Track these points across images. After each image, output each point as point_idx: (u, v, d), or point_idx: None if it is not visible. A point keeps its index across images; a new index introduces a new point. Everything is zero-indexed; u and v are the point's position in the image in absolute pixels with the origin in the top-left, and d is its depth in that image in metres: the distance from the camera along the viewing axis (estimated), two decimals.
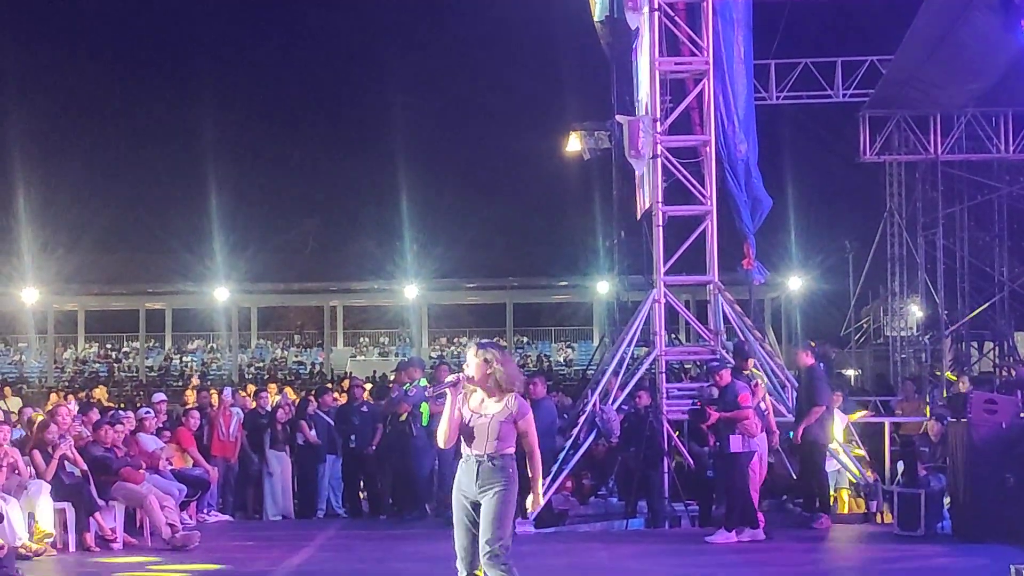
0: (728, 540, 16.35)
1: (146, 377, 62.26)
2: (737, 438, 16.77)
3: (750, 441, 16.87)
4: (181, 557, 15.82)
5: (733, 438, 16.76)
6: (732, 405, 16.87)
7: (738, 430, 16.77)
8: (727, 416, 16.81)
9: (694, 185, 20.45)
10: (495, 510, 9.42)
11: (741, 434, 16.79)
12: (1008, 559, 12.33)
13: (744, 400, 16.95)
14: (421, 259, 59.75)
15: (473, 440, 9.47)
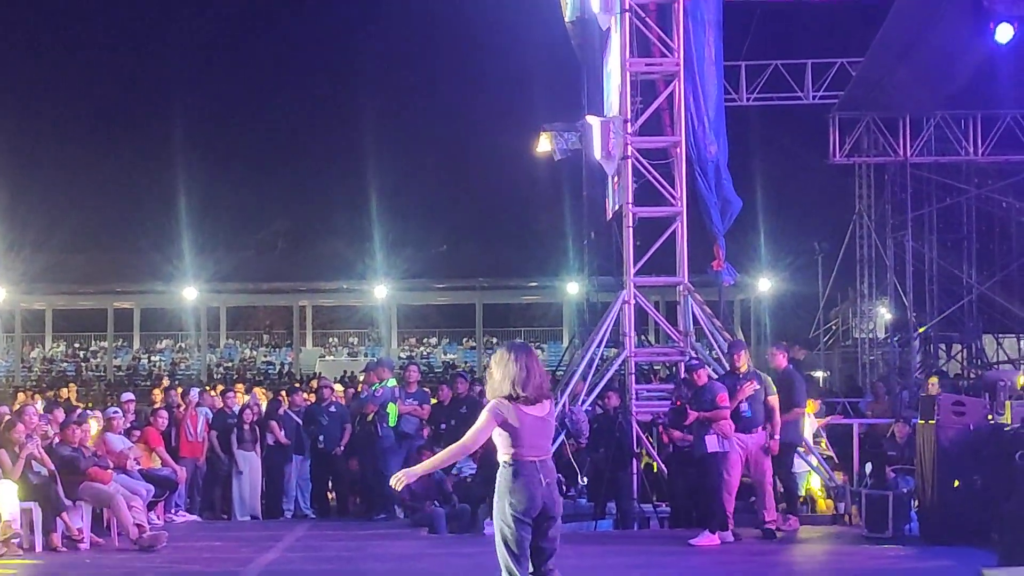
0: (712, 542, 16.34)
1: (114, 377, 62.08)
2: (713, 438, 16.76)
3: (724, 442, 16.87)
4: (149, 557, 15.75)
5: (709, 438, 16.75)
6: (709, 405, 16.86)
7: (714, 430, 16.77)
8: (705, 416, 16.81)
9: (664, 186, 20.46)
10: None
11: (716, 434, 16.79)
12: (975, 561, 12.37)
13: (721, 400, 16.94)
14: (390, 259, 59.69)
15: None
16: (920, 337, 37.49)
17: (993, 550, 13.55)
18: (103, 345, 67.15)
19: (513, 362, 9.09)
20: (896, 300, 38.31)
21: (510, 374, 9.06)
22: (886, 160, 35.62)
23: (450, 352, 68.74)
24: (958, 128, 33.94)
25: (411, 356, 61.91)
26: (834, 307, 44.70)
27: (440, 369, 61.21)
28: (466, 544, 17.35)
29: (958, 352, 39.67)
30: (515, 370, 9.06)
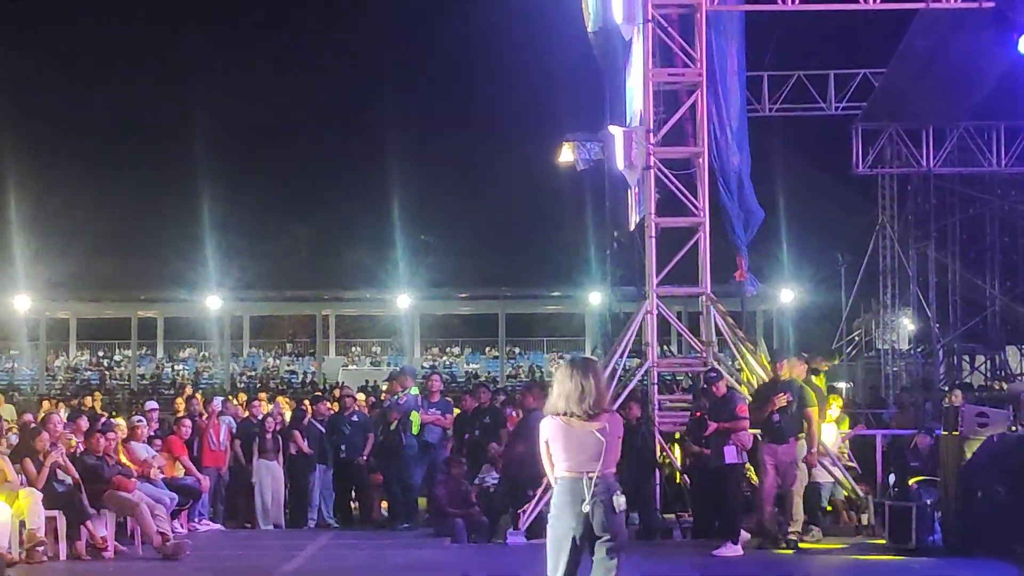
0: (735, 552, 16.34)
1: (138, 385, 62.23)
2: (732, 449, 16.77)
3: (743, 453, 16.88)
4: (172, 566, 15.80)
5: (728, 449, 16.76)
6: (729, 416, 16.87)
7: (732, 441, 16.77)
8: (725, 427, 16.82)
9: (687, 196, 20.45)
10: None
11: (735, 445, 16.79)
12: (999, 573, 12.35)
13: (741, 411, 16.94)
14: (413, 268, 59.76)
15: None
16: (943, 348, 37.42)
17: (1016, 562, 13.52)
18: (127, 354, 67.34)
19: (569, 378, 9.10)
20: (919, 311, 38.22)
21: (564, 391, 9.09)
22: (909, 171, 35.57)
23: (473, 362, 68.76)
24: (981, 139, 33.88)
25: (434, 365, 61.96)
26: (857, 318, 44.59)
27: (463, 379, 61.20)
28: (488, 554, 17.38)
29: (981, 364, 39.56)
30: (569, 387, 9.08)
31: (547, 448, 9.09)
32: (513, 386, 49.45)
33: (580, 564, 8.93)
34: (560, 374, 9.19)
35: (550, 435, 9.06)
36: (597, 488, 8.88)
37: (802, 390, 17.64)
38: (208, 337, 65.85)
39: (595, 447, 8.95)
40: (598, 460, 8.93)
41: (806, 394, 17.61)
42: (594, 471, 8.90)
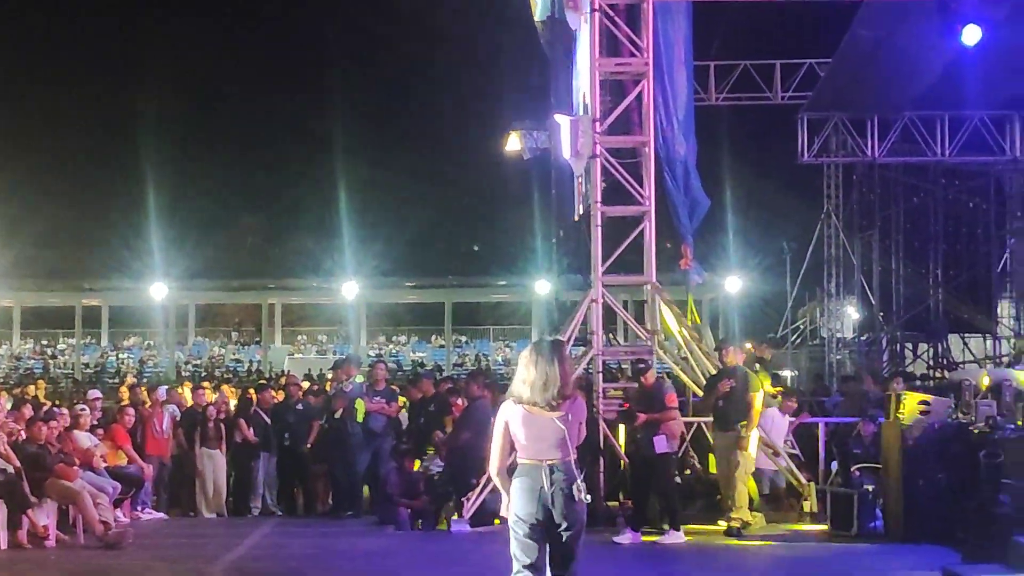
0: (677, 540, 16.43)
1: (81, 374, 61.86)
2: (662, 439, 16.88)
3: (673, 443, 17.00)
4: (114, 555, 15.72)
5: (658, 439, 16.87)
6: (659, 406, 16.96)
7: (663, 431, 16.87)
8: (654, 418, 16.91)
9: (632, 185, 20.45)
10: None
11: (665, 435, 16.89)
12: (940, 559, 12.45)
13: (670, 401, 17.04)
14: (360, 257, 59.64)
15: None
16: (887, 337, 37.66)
17: (957, 548, 13.62)
18: (71, 342, 66.93)
19: (533, 366, 8.98)
20: (863, 300, 38.49)
21: (528, 379, 8.96)
22: (854, 160, 35.75)
23: (419, 350, 68.71)
24: (926, 129, 34.07)
25: (380, 354, 61.87)
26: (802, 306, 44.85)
27: (409, 367, 61.16)
28: (433, 541, 17.39)
29: (924, 352, 39.84)
30: (533, 376, 8.95)
31: (505, 430, 8.98)
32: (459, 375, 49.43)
33: (545, 551, 8.86)
34: (525, 360, 9.05)
35: (510, 419, 8.97)
36: (556, 476, 8.81)
37: (746, 376, 17.75)
38: (153, 326, 65.52)
39: (555, 435, 8.87)
40: (558, 448, 8.88)
41: (750, 379, 17.71)
42: (554, 459, 8.84)
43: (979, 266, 37.45)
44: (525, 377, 8.96)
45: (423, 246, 66.96)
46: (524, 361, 9.04)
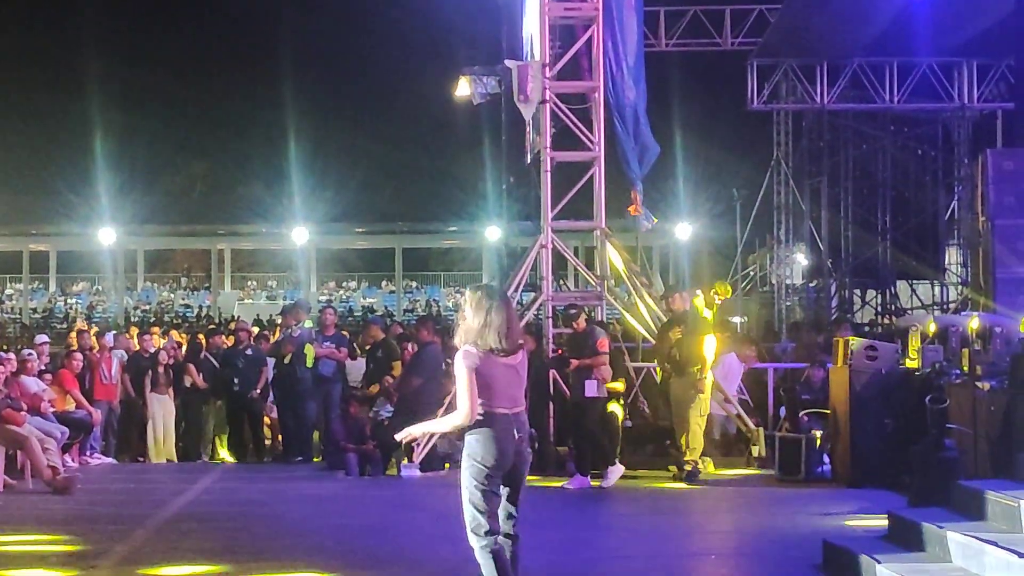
0: (583, 484, 16.52)
1: (29, 319, 61.52)
2: (592, 383, 16.98)
3: (603, 387, 17.08)
4: (63, 500, 15.68)
5: (589, 383, 16.96)
6: (590, 351, 17.04)
7: (594, 375, 16.96)
8: (586, 363, 16.99)
9: (582, 131, 20.43)
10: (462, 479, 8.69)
11: (596, 380, 16.98)
12: (886, 503, 12.53)
13: (601, 346, 17.11)
14: (310, 203, 59.45)
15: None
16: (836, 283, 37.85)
17: (903, 492, 13.74)
18: (18, 287, 66.52)
19: (495, 312, 8.64)
20: (812, 247, 38.64)
21: (494, 324, 8.61)
22: (803, 107, 35.89)
23: (369, 296, 68.67)
24: (875, 76, 34.21)
25: (330, 300, 61.77)
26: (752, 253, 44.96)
27: (360, 313, 61.11)
28: (382, 487, 17.41)
29: (873, 299, 40.04)
30: (499, 321, 8.62)
31: (473, 379, 8.54)
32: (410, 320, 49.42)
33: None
34: (479, 304, 8.70)
35: (480, 366, 8.57)
36: (522, 424, 8.70)
37: (696, 320, 17.79)
38: (102, 271, 65.19)
39: (520, 383, 8.75)
40: (522, 396, 8.77)
41: (700, 323, 17.77)
42: (520, 407, 8.70)
43: (927, 213, 37.62)
44: (486, 322, 8.62)
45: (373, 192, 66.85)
46: (479, 306, 8.69)
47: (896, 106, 34.66)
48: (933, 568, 9.62)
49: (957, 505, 10.87)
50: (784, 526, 13.41)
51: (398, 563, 11.28)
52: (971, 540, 9.46)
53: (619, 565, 11.42)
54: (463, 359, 8.56)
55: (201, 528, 13.55)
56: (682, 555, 11.83)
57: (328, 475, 18.56)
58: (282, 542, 12.63)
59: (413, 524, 13.88)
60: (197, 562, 11.39)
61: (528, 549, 8.72)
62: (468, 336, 8.63)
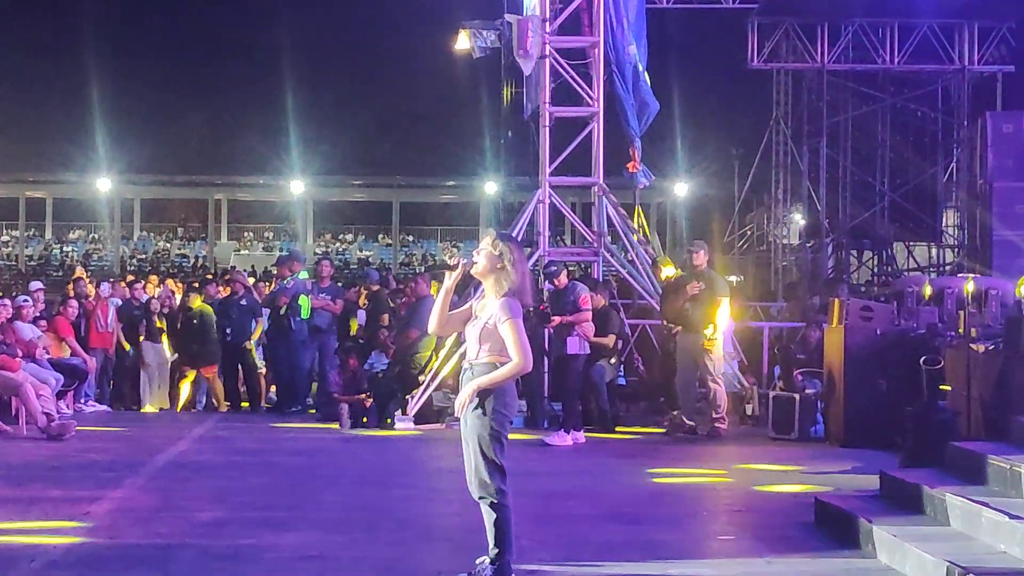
0: (564, 442, 16.55)
1: (25, 266, 61.48)
2: (575, 339, 17.05)
3: (585, 343, 17.12)
4: (57, 446, 15.71)
5: (571, 340, 17.04)
6: (572, 308, 17.06)
7: (576, 332, 16.99)
8: (568, 320, 17.02)
9: (581, 87, 20.41)
10: (474, 431, 8.41)
11: (578, 336, 17.02)
12: (878, 463, 12.55)
13: (583, 303, 17.13)
14: (307, 154, 59.38)
15: (467, 346, 8.76)
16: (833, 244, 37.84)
17: (896, 453, 13.77)
18: (14, 234, 66.46)
19: (526, 264, 8.65)
20: (810, 206, 38.59)
21: (528, 277, 8.59)
22: (803, 66, 35.79)
23: (366, 249, 68.64)
24: (875, 36, 34.12)
25: (327, 252, 61.75)
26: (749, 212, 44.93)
27: (356, 266, 61.11)
28: (375, 439, 17.42)
29: (869, 259, 40.06)
30: (527, 272, 8.61)
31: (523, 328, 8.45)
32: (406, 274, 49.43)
33: None
34: (519, 255, 8.56)
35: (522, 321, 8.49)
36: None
37: (714, 279, 17.82)
38: (98, 219, 65.10)
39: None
40: None
41: (718, 283, 17.81)
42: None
43: (925, 175, 37.56)
44: (524, 274, 8.55)
45: (371, 145, 66.73)
46: (520, 257, 8.58)
47: (896, 67, 34.57)
48: (925, 528, 9.65)
49: (950, 467, 10.89)
50: (776, 484, 13.44)
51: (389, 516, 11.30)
52: (964, 502, 9.49)
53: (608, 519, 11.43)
54: (513, 309, 8.38)
55: (195, 477, 13.59)
56: (674, 512, 11.84)
57: (322, 426, 18.59)
58: (275, 492, 12.66)
59: (405, 477, 13.88)
60: (190, 510, 11.42)
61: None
62: (509, 284, 8.44)
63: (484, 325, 8.42)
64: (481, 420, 8.36)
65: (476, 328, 8.48)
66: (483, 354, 8.41)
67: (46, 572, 8.96)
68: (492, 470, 8.35)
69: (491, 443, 8.35)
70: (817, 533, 10.58)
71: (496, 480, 8.35)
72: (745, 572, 9.22)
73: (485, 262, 8.46)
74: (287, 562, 9.39)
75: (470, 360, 8.52)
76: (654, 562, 9.39)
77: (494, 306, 8.41)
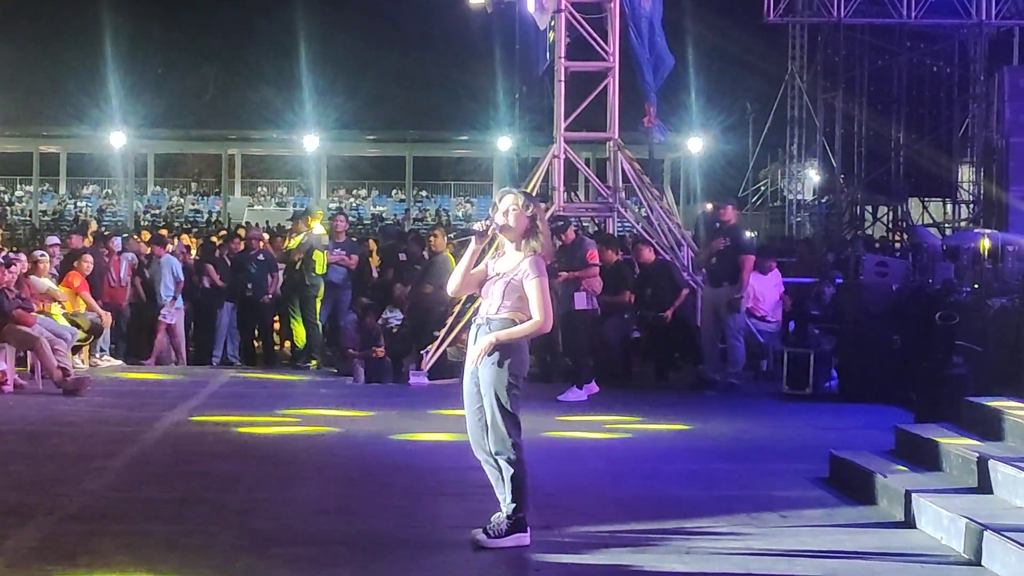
0: (579, 397, 16.57)
1: (39, 221, 61.52)
2: (582, 295, 17.03)
3: (593, 298, 17.11)
4: (72, 401, 15.74)
5: (578, 295, 17.02)
6: (580, 263, 17.04)
7: (584, 287, 16.98)
8: (575, 275, 17.00)
9: (597, 41, 20.33)
10: (491, 386, 8.41)
11: (586, 291, 17.00)
12: (892, 419, 12.55)
13: (591, 257, 17.13)
14: (321, 109, 59.25)
15: (484, 302, 8.64)
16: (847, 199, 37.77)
17: (911, 409, 13.76)
18: (28, 189, 66.47)
19: (546, 221, 8.71)
20: (824, 162, 38.52)
21: (548, 235, 8.69)
22: (820, 21, 35.69)
23: (379, 204, 68.61)
24: None
25: (340, 207, 61.71)
26: (763, 168, 44.86)
27: (369, 221, 61.10)
28: (391, 394, 17.44)
29: (884, 215, 40.00)
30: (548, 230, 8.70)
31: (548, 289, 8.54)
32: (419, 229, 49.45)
33: None
34: (540, 212, 8.66)
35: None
36: None
37: (739, 235, 17.82)
38: (112, 174, 65.04)
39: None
40: None
41: (743, 240, 17.83)
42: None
43: (941, 130, 37.47)
44: (547, 232, 8.67)
45: (384, 100, 66.52)
46: (543, 215, 8.69)
47: (913, 21, 34.44)
48: (941, 484, 9.65)
49: (965, 422, 10.89)
50: (791, 439, 13.45)
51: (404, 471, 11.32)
52: (980, 457, 9.48)
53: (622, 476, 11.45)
54: (540, 268, 8.45)
55: (209, 433, 13.60)
56: (688, 468, 11.85)
57: (336, 381, 18.62)
58: (290, 446, 12.69)
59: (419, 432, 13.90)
60: (206, 464, 11.45)
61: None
62: (539, 244, 8.50)
63: (510, 281, 8.44)
64: (498, 372, 8.37)
65: (500, 284, 8.48)
66: (503, 310, 8.42)
67: (63, 525, 8.99)
68: (510, 423, 8.39)
69: (508, 395, 8.37)
70: (831, 488, 10.58)
71: (513, 434, 8.39)
72: (759, 526, 9.23)
73: (517, 223, 8.48)
74: (304, 516, 9.42)
75: (487, 315, 8.51)
76: (670, 521, 9.39)
77: (522, 263, 8.44)
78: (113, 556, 8.16)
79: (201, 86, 74.03)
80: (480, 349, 8.40)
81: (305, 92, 59.25)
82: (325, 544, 8.59)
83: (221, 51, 72.85)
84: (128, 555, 8.19)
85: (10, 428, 13.51)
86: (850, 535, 9.02)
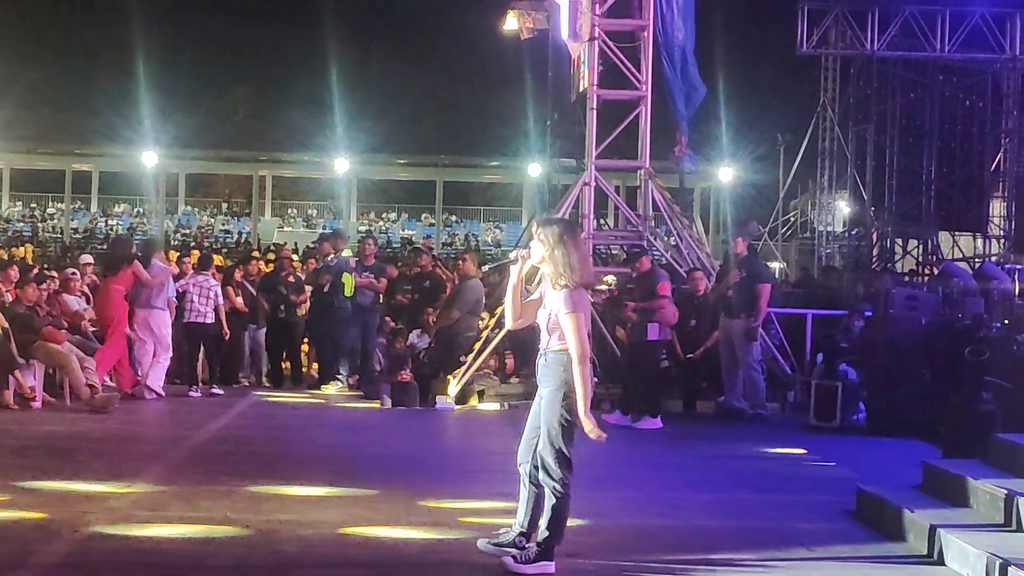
0: (654, 425, 16.56)
1: (70, 239, 61.74)
2: (655, 326, 16.92)
3: (666, 330, 17.08)
4: (99, 419, 15.78)
5: (651, 326, 16.90)
6: (650, 295, 16.97)
7: (656, 318, 16.91)
8: (643, 307, 16.93)
9: (630, 69, 20.37)
10: (544, 418, 8.51)
11: (659, 323, 16.94)
12: (920, 454, 12.51)
13: (663, 289, 17.06)
14: (352, 132, 59.39)
15: (542, 333, 8.63)
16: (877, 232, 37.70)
17: (939, 444, 13.70)
18: (60, 207, 66.71)
19: (583, 244, 8.68)
20: (855, 194, 38.46)
21: (588, 256, 8.78)
22: (853, 53, 35.66)
23: (409, 228, 68.68)
24: (926, 24, 33.94)
25: (369, 230, 61.81)
26: (794, 199, 44.80)
27: (398, 245, 61.16)
28: (415, 418, 17.45)
29: (914, 248, 39.90)
30: (586, 253, 8.68)
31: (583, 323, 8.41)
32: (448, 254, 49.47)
33: None
34: (573, 237, 8.54)
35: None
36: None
37: (754, 266, 17.85)
38: (143, 193, 65.28)
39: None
40: None
41: (759, 269, 17.85)
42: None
43: (973, 164, 37.39)
44: (583, 254, 8.57)
45: (415, 124, 66.69)
46: (577, 240, 8.55)
47: (946, 55, 34.41)
48: (967, 520, 9.61)
49: (993, 458, 10.83)
50: (817, 471, 13.41)
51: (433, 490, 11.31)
52: (1007, 494, 9.43)
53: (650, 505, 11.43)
54: (572, 302, 8.36)
55: (236, 451, 13.63)
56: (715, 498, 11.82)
57: (363, 404, 18.64)
58: (316, 466, 12.66)
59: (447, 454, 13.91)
60: (231, 483, 11.44)
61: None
62: (570, 273, 8.37)
63: (550, 315, 8.48)
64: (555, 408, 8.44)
65: (544, 316, 8.55)
66: (554, 342, 8.46)
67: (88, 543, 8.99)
68: (559, 459, 8.46)
69: (560, 433, 8.44)
70: (858, 522, 10.55)
71: (562, 470, 8.46)
72: (786, 559, 9.19)
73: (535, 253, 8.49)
74: (331, 534, 9.42)
75: (544, 347, 8.55)
76: (696, 552, 9.36)
77: (556, 297, 8.42)
78: (136, 574, 8.18)
79: (232, 107, 74.31)
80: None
81: (336, 115, 59.41)
82: (348, 567, 8.60)
83: (253, 72, 73.10)
84: (153, 573, 8.20)
85: (37, 444, 13.55)
86: (876, 570, 9.00)
